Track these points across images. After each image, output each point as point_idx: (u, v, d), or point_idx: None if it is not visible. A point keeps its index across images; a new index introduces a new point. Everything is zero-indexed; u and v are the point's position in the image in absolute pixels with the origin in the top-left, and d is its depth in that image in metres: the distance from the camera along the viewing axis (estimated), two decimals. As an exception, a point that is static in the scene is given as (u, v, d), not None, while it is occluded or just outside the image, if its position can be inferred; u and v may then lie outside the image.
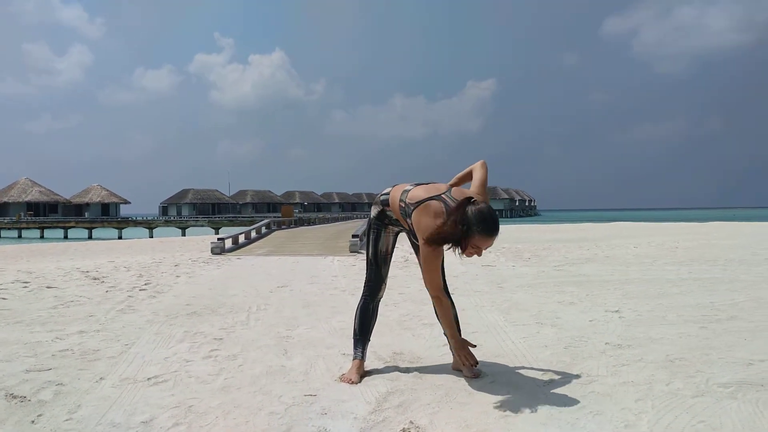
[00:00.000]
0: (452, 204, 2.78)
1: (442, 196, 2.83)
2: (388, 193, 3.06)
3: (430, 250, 2.80)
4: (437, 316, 3.12)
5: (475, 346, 3.05)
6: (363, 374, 3.09)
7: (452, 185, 3.03)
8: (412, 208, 2.87)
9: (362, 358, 3.14)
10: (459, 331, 3.15)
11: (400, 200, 2.96)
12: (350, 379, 3.02)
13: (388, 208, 3.06)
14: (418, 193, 2.89)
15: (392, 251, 3.18)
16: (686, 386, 2.82)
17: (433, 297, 2.99)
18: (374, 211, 3.14)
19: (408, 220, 2.91)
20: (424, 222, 2.80)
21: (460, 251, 2.75)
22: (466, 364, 3.01)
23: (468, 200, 2.74)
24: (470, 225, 2.65)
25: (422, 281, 3.19)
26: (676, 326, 4.22)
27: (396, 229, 3.15)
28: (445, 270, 3.25)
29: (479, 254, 2.78)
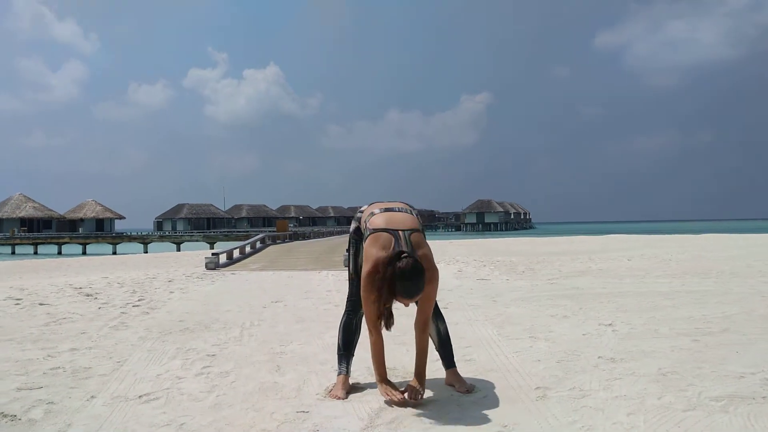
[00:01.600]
0: (404, 246, 2.81)
1: (399, 232, 2.87)
2: (362, 211, 3.13)
3: (365, 283, 2.82)
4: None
5: (403, 393, 2.86)
6: (349, 389, 3.09)
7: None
8: (368, 233, 2.93)
9: (347, 374, 3.14)
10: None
11: (364, 221, 3.03)
12: (337, 395, 3.01)
13: (362, 225, 3.10)
14: (379, 221, 2.93)
15: None
16: (678, 400, 2.83)
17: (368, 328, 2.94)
18: (353, 225, 3.20)
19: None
20: (369, 251, 2.85)
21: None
22: (387, 398, 2.86)
23: (399, 254, 2.72)
24: (393, 280, 2.68)
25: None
26: (669, 339, 4.23)
27: None
28: (439, 283, 3.25)
29: (406, 305, 2.86)
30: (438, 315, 3.23)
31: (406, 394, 2.87)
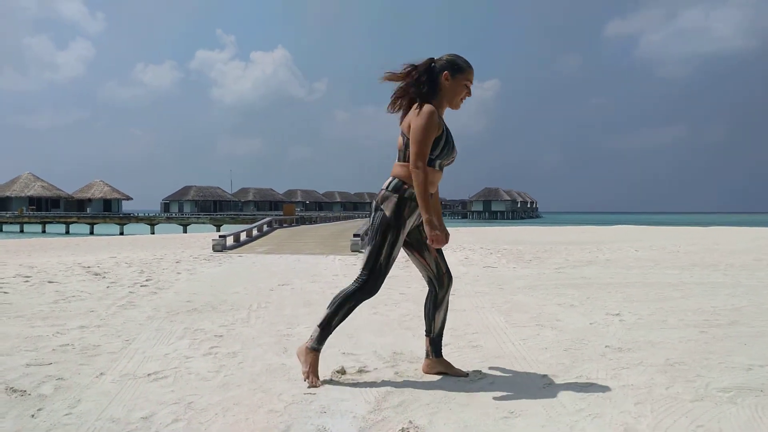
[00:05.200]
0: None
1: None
2: (391, 178, 2.94)
3: (428, 121, 2.80)
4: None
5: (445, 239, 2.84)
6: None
7: None
8: (407, 138, 2.89)
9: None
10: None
11: (402, 159, 2.93)
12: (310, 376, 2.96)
13: (405, 187, 2.88)
14: (399, 141, 2.99)
15: None
16: (686, 390, 2.82)
17: (413, 169, 2.80)
18: (389, 207, 2.88)
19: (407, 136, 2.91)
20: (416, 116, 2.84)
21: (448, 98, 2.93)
22: (434, 242, 2.80)
23: (430, 59, 2.94)
24: (454, 65, 2.92)
25: (422, 281, 3.16)
26: (677, 330, 4.22)
27: (409, 228, 2.98)
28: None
29: (470, 94, 2.97)
30: (446, 304, 3.12)
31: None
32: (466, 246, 14.12)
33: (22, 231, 46.13)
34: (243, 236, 15.76)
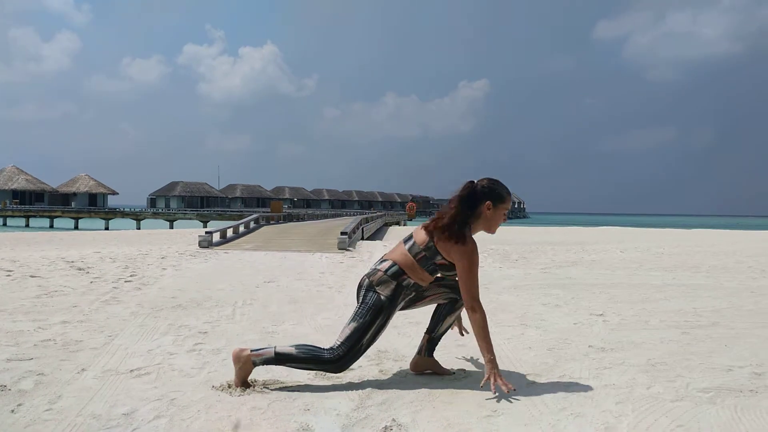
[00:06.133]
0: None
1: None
2: (390, 262, 2.91)
3: (473, 260, 2.89)
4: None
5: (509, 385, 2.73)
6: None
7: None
8: (433, 245, 2.89)
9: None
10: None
11: (414, 254, 2.90)
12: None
13: (404, 277, 2.89)
14: (421, 235, 2.93)
15: None
16: (666, 390, 2.86)
17: (471, 312, 2.83)
18: (386, 291, 2.87)
19: (438, 256, 2.91)
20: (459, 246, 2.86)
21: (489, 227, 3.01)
22: (498, 383, 2.72)
23: (470, 183, 2.96)
24: (497, 195, 2.95)
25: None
26: (659, 331, 4.27)
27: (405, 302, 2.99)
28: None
29: (506, 219, 3.03)
30: (460, 311, 3.16)
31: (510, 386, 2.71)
32: (453, 245, 14.15)
33: (5, 224, 45.55)
34: (229, 233, 15.68)
